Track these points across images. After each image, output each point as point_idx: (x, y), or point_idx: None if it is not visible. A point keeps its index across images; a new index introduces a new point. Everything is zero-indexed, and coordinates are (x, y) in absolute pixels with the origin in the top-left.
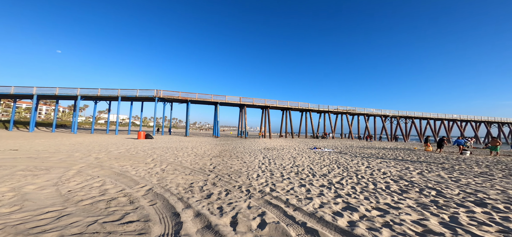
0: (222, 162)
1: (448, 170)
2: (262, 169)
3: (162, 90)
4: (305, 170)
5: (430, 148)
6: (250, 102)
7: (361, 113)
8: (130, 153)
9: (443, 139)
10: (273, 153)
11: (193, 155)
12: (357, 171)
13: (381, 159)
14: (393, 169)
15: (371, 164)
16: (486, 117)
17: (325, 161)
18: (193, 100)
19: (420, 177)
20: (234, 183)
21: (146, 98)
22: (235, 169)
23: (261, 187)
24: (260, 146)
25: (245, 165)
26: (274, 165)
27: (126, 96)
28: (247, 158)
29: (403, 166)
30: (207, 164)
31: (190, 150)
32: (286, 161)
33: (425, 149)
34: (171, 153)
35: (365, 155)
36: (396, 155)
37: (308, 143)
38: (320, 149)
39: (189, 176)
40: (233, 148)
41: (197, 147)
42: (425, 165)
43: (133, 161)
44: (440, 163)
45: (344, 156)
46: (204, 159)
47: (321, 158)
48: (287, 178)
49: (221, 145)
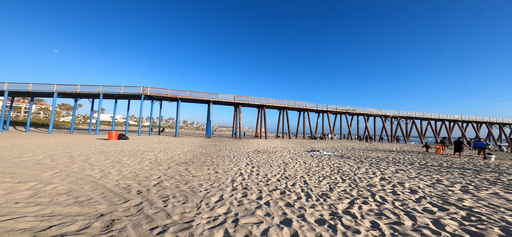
0: (183, 173)
1: (503, 185)
2: (234, 185)
3: (149, 88)
4: (297, 185)
5: (443, 151)
6: (245, 101)
7: (361, 113)
8: (47, 159)
9: (461, 140)
10: (262, 157)
11: (148, 161)
12: (371, 187)
13: (393, 164)
14: (420, 183)
15: (385, 173)
16: (488, 118)
17: (324, 169)
18: (184, 98)
19: (473, 198)
20: (158, 220)
21: (131, 96)
22: (192, 185)
23: (206, 233)
24: (250, 148)
25: (214, 177)
26: (256, 177)
27: (108, 93)
28: (225, 165)
29: (430, 176)
30: (152, 177)
31: (155, 154)
32: (274, 169)
33: (437, 152)
34: (121, 158)
35: (373, 160)
36: (409, 159)
37: (305, 144)
38: (319, 152)
39: (74, 208)
40: (216, 151)
41: (172, 149)
42: (457, 174)
43: (23, 172)
44: (476, 171)
45: (347, 161)
46: (160, 168)
47: (319, 164)
48: (266, 204)
49: (205, 147)
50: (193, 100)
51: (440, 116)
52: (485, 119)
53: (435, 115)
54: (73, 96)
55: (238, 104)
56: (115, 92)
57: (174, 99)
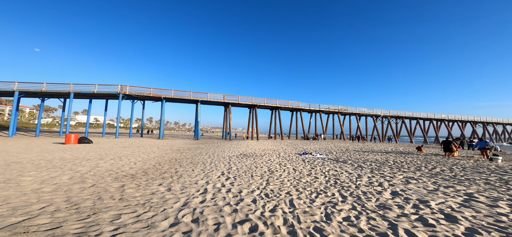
0: (106, 196)
1: None
2: (179, 216)
3: (128, 86)
4: (279, 210)
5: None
6: (235, 101)
7: (353, 113)
8: None
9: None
10: (245, 163)
11: (68, 177)
12: (385, 210)
13: (397, 169)
14: (448, 199)
15: (394, 183)
16: (472, 117)
17: (318, 179)
18: (169, 98)
19: None
20: None
21: (108, 95)
22: (89, 223)
23: None
24: (237, 151)
25: (158, 200)
26: (225, 196)
27: (80, 93)
28: (190, 177)
29: (453, 188)
30: (32, 206)
31: (102, 162)
32: (254, 181)
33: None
34: (50, 170)
35: (373, 164)
36: (412, 162)
37: (297, 145)
38: (311, 155)
39: None
40: (193, 156)
41: (135, 155)
42: (483, 183)
43: None
44: (500, 177)
45: (344, 166)
46: (76, 186)
47: (311, 171)
48: None
49: (184, 150)
50: (179, 100)
51: (428, 115)
52: (470, 118)
53: (423, 114)
54: (38, 95)
55: (228, 104)
56: (89, 91)
57: (157, 99)
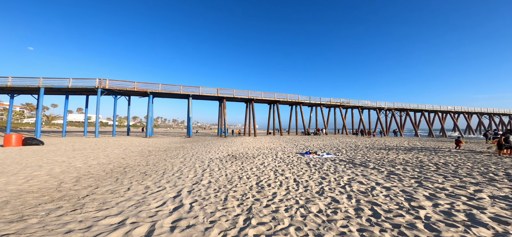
0: None
1: None
2: None
3: (108, 80)
4: None
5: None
6: (231, 95)
7: (356, 106)
8: None
9: None
10: (227, 172)
11: None
12: None
13: (460, 180)
14: None
15: (486, 209)
16: (479, 108)
17: (339, 205)
18: (156, 93)
19: None
20: None
21: (84, 90)
22: None
23: None
24: (226, 151)
25: None
26: None
27: (52, 87)
28: (98, 211)
29: None
30: None
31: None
32: (223, 219)
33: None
34: None
35: (409, 169)
36: (465, 165)
37: (298, 142)
38: (316, 154)
39: None
40: (156, 162)
41: (80, 159)
42: None
43: None
44: None
45: (368, 172)
46: None
47: (323, 185)
48: None
49: (163, 150)
50: (169, 95)
51: (433, 107)
52: (476, 109)
53: (428, 106)
54: (7, 91)
55: (222, 99)
56: (62, 86)
57: (143, 93)
